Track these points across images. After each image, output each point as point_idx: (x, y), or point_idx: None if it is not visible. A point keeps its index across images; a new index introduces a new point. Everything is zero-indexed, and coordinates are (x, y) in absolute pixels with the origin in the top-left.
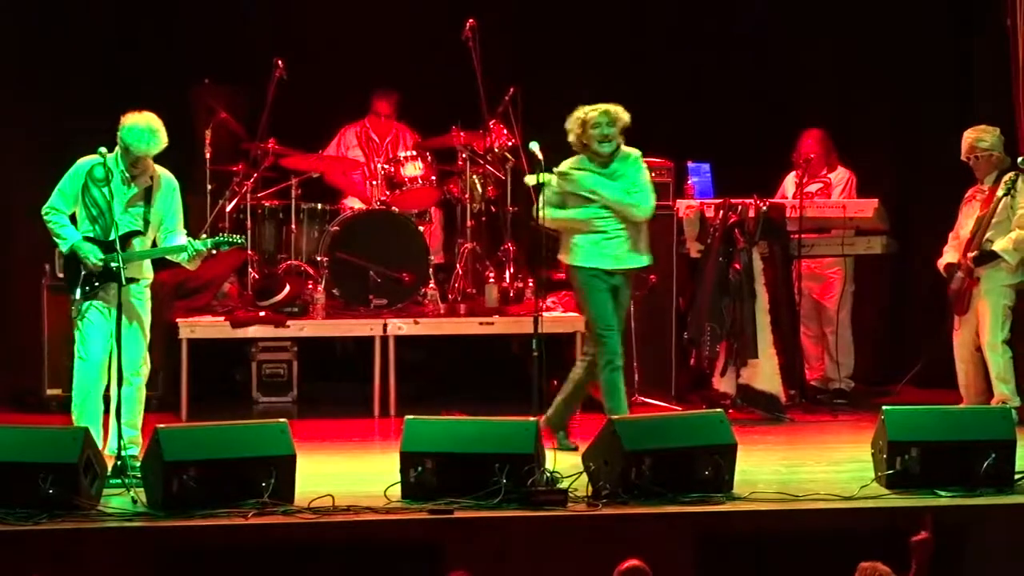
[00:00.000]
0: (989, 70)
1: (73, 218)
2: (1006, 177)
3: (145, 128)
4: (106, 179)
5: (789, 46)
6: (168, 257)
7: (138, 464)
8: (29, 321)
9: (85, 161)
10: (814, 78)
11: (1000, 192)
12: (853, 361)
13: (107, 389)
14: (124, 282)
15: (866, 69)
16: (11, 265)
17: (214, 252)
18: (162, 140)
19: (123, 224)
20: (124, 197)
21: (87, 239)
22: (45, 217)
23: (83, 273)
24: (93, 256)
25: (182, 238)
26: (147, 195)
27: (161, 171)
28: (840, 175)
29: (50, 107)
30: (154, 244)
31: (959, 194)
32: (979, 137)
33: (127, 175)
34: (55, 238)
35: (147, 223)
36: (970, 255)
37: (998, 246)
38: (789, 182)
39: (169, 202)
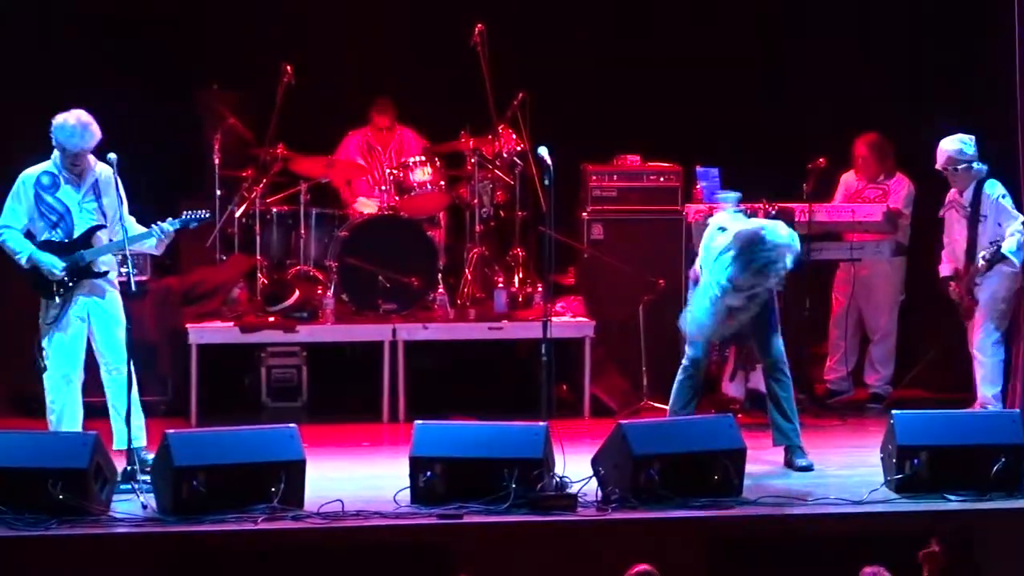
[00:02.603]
0: (997, 74)
1: (29, 234)
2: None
3: (76, 124)
4: (54, 184)
5: (796, 49)
6: (137, 248)
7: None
8: (30, 326)
9: (28, 173)
10: (822, 81)
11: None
12: (893, 368)
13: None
14: (97, 273)
15: (870, 70)
16: (12, 269)
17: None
18: (96, 133)
19: (84, 222)
20: (76, 196)
21: (50, 243)
22: None
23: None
24: (52, 265)
25: (136, 225)
26: (95, 189)
27: (99, 164)
28: (899, 183)
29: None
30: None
31: None
32: (959, 148)
33: (71, 175)
34: (13, 256)
35: (104, 215)
36: (981, 256)
37: (1005, 247)
38: (845, 180)
39: (113, 191)
